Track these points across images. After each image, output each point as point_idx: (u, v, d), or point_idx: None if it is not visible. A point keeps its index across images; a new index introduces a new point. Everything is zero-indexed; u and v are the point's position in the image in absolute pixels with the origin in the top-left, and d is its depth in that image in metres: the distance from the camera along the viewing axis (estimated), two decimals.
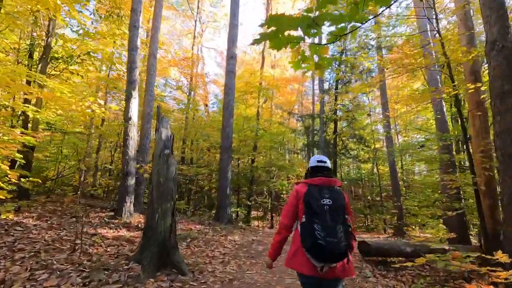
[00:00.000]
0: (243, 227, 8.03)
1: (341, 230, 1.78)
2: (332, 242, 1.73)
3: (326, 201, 1.85)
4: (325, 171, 2.04)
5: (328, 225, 1.78)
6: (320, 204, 1.84)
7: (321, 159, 2.11)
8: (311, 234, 1.78)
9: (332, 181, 1.97)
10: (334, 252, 1.73)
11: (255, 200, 18.18)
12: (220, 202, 8.22)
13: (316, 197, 1.87)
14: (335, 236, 1.75)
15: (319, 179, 1.97)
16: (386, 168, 23.67)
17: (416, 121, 18.07)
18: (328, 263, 1.77)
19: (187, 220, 7.84)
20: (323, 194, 1.88)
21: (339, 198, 1.90)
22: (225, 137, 8.63)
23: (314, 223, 1.79)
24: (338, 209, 1.85)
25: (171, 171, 4.05)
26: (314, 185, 1.95)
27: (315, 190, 1.91)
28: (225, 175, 8.34)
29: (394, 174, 12.02)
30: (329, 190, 1.91)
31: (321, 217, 1.80)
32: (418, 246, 6.03)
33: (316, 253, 1.76)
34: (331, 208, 1.83)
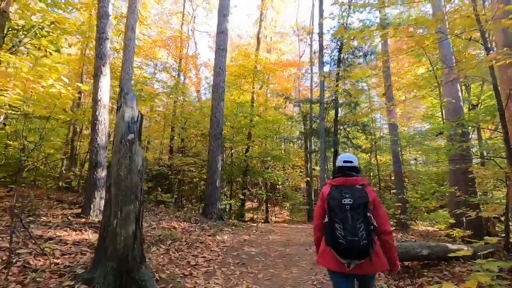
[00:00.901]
0: (235, 223, 7.18)
1: (362, 229, 1.81)
2: (353, 241, 1.79)
3: (346, 200, 1.90)
4: (349, 170, 2.08)
5: (348, 223, 1.83)
6: (341, 204, 1.90)
7: (348, 159, 2.14)
8: (333, 233, 1.85)
9: (353, 180, 2.01)
10: (354, 250, 1.79)
11: (250, 191, 17.38)
12: (209, 196, 7.33)
13: (336, 197, 1.94)
14: (355, 234, 1.80)
15: (340, 179, 2.05)
16: (384, 159, 23.08)
17: (416, 110, 17.29)
18: (352, 259, 1.83)
19: (172, 217, 6.95)
20: (343, 194, 1.93)
21: (360, 196, 1.91)
22: (215, 123, 7.67)
23: (335, 222, 1.87)
24: (359, 207, 1.87)
25: (136, 162, 3.11)
26: (335, 185, 2.02)
27: (336, 190, 1.98)
28: (215, 166, 7.43)
29: (397, 164, 11.23)
30: (350, 189, 1.95)
31: (341, 216, 1.87)
32: (434, 247, 5.24)
33: (338, 251, 1.84)
34: (351, 207, 1.88)
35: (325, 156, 9.55)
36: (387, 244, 1.96)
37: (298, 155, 21.29)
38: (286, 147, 25.32)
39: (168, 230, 5.77)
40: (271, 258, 4.77)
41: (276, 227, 9.20)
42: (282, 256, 4.91)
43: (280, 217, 18.55)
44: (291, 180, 17.63)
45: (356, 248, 1.77)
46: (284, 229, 8.75)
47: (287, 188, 17.41)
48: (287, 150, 24.41)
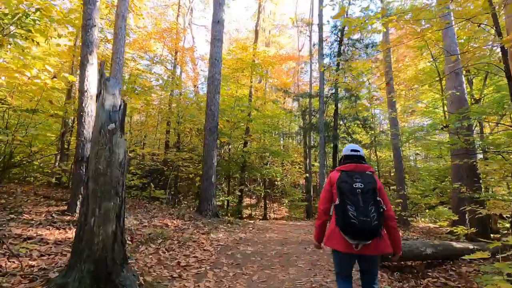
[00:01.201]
0: (231, 221, 6.91)
1: (373, 211, 1.92)
2: (365, 221, 1.88)
3: (357, 184, 2.01)
4: (358, 159, 2.20)
5: (360, 206, 1.93)
6: (352, 188, 2.00)
7: (355, 148, 2.28)
8: (345, 214, 1.94)
9: (363, 167, 2.15)
10: (366, 230, 1.88)
11: (248, 187, 17.13)
12: (204, 192, 7.06)
13: (348, 181, 2.04)
14: (367, 216, 1.90)
15: (350, 165, 2.16)
16: (383, 155, 22.83)
17: (417, 106, 16.97)
18: (361, 240, 1.93)
19: (165, 214, 6.67)
20: (354, 179, 2.05)
21: (370, 182, 2.04)
22: (210, 117, 7.37)
23: (347, 204, 1.96)
24: (369, 191, 1.99)
25: (117, 155, 2.82)
26: (345, 171, 2.13)
27: (346, 175, 2.09)
28: (210, 161, 7.14)
29: (398, 160, 10.97)
30: (360, 174, 2.07)
31: (353, 199, 1.96)
32: (439, 246, 5.00)
33: (349, 231, 1.93)
34: (362, 191, 1.99)
35: (325, 152, 9.28)
36: (392, 229, 2.08)
37: (297, 151, 21.03)
38: (285, 142, 25.04)
39: (160, 228, 5.50)
40: (268, 257, 4.51)
41: (274, 225, 8.94)
42: (279, 255, 4.64)
43: (278, 213, 18.33)
44: (290, 176, 17.38)
45: (368, 228, 1.87)
46: (282, 226, 8.50)
47: (285, 185, 17.17)
48: (286, 146, 24.16)
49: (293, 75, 21.79)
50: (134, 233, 4.81)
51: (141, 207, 7.12)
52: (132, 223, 5.40)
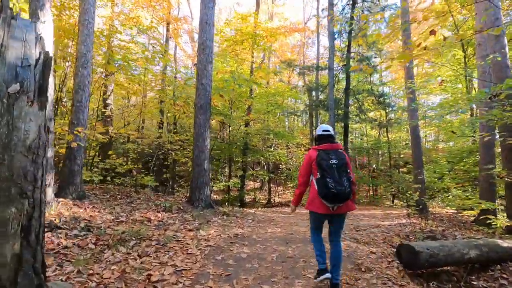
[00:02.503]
0: (226, 212, 5.97)
1: (345, 181, 2.56)
2: (341, 189, 2.51)
3: (333, 161, 2.61)
4: (330, 137, 2.82)
5: (336, 178, 2.55)
6: (329, 164, 2.60)
7: (326, 128, 2.88)
8: (326, 186, 2.53)
9: (336, 145, 2.76)
10: (342, 196, 2.52)
11: (252, 170, 16.21)
12: (195, 180, 6.09)
13: (325, 158, 2.63)
14: (342, 185, 2.53)
15: (326, 145, 2.74)
16: (393, 135, 21.57)
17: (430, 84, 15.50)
18: (338, 203, 2.58)
19: (150, 205, 5.76)
20: (330, 156, 2.64)
21: (342, 158, 2.66)
22: (201, 92, 6.28)
23: (326, 177, 2.55)
24: (342, 166, 2.62)
25: (21, 133, 1.79)
26: (322, 150, 2.71)
27: (324, 153, 2.67)
28: (202, 144, 6.12)
29: (416, 140, 9.81)
30: (334, 152, 2.68)
31: (331, 173, 2.57)
32: (484, 246, 3.97)
33: (330, 198, 2.53)
34: (337, 166, 2.60)
35: (335, 131, 8.17)
36: (353, 191, 2.65)
37: (303, 133, 19.92)
38: (290, 124, 23.88)
39: (140, 224, 4.58)
40: (268, 263, 3.56)
41: (277, 213, 8.02)
42: (282, 260, 3.69)
43: (283, 197, 17.50)
44: (295, 159, 16.38)
45: (343, 194, 2.52)
46: (287, 216, 7.58)
47: (290, 168, 16.20)
48: (291, 127, 23.02)
49: (299, 51, 20.26)
50: (103, 233, 3.89)
51: (124, 197, 6.21)
52: (104, 219, 4.48)
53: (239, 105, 11.14)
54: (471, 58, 11.49)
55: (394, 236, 5.67)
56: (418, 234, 5.82)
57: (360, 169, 23.48)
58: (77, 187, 5.09)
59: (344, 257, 3.90)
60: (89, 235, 3.75)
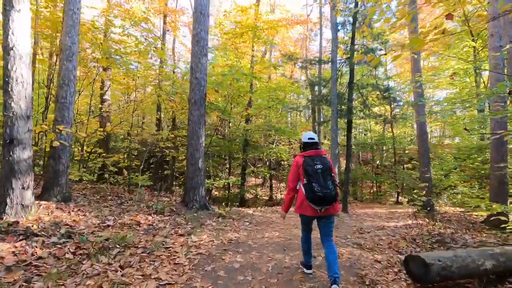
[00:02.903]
0: (222, 214, 5.66)
1: (330, 184, 2.78)
2: (327, 193, 2.73)
3: (318, 166, 2.82)
4: (314, 145, 3.02)
5: (321, 182, 2.76)
6: (314, 169, 2.81)
7: (311, 136, 3.08)
8: (312, 190, 2.75)
9: (320, 152, 2.96)
10: (328, 198, 2.73)
11: (254, 166, 15.90)
12: (189, 180, 5.77)
13: (311, 164, 2.84)
14: (327, 188, 2.75)
15: (311, 152, 2.95)
16: (397, 131, 21.07)
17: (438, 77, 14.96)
18: (325, 205, 2.77)
19: (141, 207, 5.46)
20: (315, 162, 2.85)
21: (326, 163, 2.87)
22: (196, 86, 5.92)
23: (312, 182, 2.77)
24: (326, 170, 2.83)
25: None
26: (308, 156, 2.92)
27: (309, 159, 2.88)
28: (196, 142, 5.79)
29: (423, 136, 9.38)
30: (319, 158, 2.89)
31: (316, 178, 2.78)
32: (501, 256, 3.61)
33: (317, 201, 2.74)
34: (322, 170, 2.81)
35: (337, 128, 7.80)
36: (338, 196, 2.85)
37: (306, 129, 19.52)
38: (292, 120, 23.45)
39: (127, 229, 4.28)
40: (262, 275, 3.24)
41: (277, 213, 7.71)
42: (278, 271, 3.37)
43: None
44: None
45: (329, 197, 2.74)
46: (288, 215, 7.26)
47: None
48: (293, 123, 22.61)
49: (301, 45, 19.73)
50: (84, 240, 3.59)
51: (116, 197, 5.92)
52: (89, 224, 4.18)
53: (239, 100, 10.76)
54: (480, 52, 10.98)
55: (400, 240, 5.33)
56: (426, 237, 5.48)
57: (363, 165, 23.07)
58: (62, 188, 4.79)
59: (346, 267, 3.57)
60: (68, 243, 3.45)
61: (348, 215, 7.85)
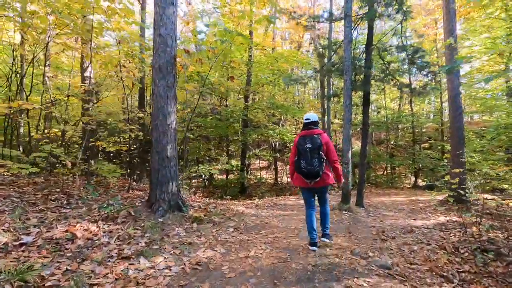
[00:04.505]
0: (199, 217, 4.27)
1: (316, 161, 3.23)
2: (310, 169, 3.23)
3: (308, 145, 3.29)
4: (310, 124, 3.45)
5: (308, 160, 3.26)
6: (304, 148, 3.30)
7: (308, 117, 3.52)
8: (299, 166, 3.31)
9: (312, 131, 3.37)
10: (311, 173, 3.24)
11: (254, 150, 14.48)
12: (155, 172, 4.37)
13: (302, 143, 3.34)
14: (312, 165, 3.23)
15: (304, 132, 3.42)
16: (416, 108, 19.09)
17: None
18: (312, 179, 3.28)
19: (92, 209, 4.13)
20: (306, 141, 3.32)
21: (316, 142, 3.28)
22: (160, 47, 4.38)
23: (300, 159, 3.31)
24: (315, 149, 3.26)
25: None
26: (302, 136, 3.40)
27: (301, 139, 3.37)
28: (163, 122, 4.34)
29: (457, 112, 7.66)
30: (310, 138, 3.33)
31: (305, 155, 3.29)
32: None
33: (302, 175, 3.30)
34: (310, 149, 3.27)
35: (351, 102, 6.19)
36: (335, 168, 3.40)
37: (313, 106, 17.82)
38: (300, 97, 21.64)
39: (50, 248, 2.96)
40: None
41: (279, 207, 6.34)
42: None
43: None
44: None
45: (312, 172, 3.23)
46: (289, 212, 5.89)
47: None
48: (300, 100, 20.86)
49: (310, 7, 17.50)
50: None
51: (63, 196, 4.60)
52: None
53: (234, 72, 9.14)
54: None
55: (439, 253, 3.89)
56: (473, 246, 4.04)
57: (376, 145, 21.35)
58: None
59: None
60: None
61: (364, 210, 6.41)
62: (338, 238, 4.18)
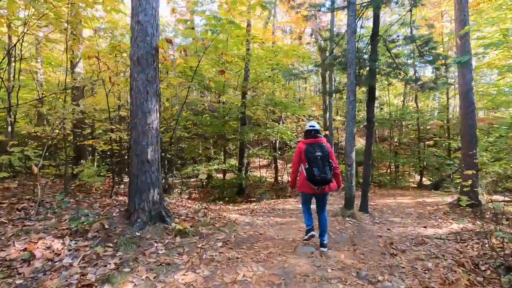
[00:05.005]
0: (183, 229, 3.76)
1: (328, 169, 3.39)
2: (324, 176, 3.35)
3: (318, 153, 3.40)
4: (315, 132, 3.55)
5: (320, 167, 3.36)
6: (315, 156, 3.39)
7: (312, 124, 3.62)
8: (312, 173, 3.36)
9: (320, 140, 3.50)
10: (325, 181, 3.38)
11: (252, 149, 13.98)
12: (134, 178, 3.87)
13: (311, 151, 3.41)
14: (325, 173, 3.36)
15: (312, 140, 3.51)
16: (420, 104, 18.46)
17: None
18: (321, 186, 3.43)
19: (61, 220, 3.64)
20: (315, 149, 3.43)
21: (325, 150, 3.43)
22: (139, 36, 3.85)
23: (313, 167, 3.36)
24: (325, 157, 3.41)
25: None
26: (309, 143, 3.49)
27: (310, 147, 3.45)
28: (142, 121, 3.82)
29: (469, 109, 7.10)
30: (319, 145, 3.46)
31: (316, 163, 3.37)
32: None
33: (316, 182, 3.38)
34: (321, 157, 3.39)
35: (355, 98, 5.65)
36: (336, 174, 3.58)
37: (315, 103, 17.25)
38: (301, 94, 21.06)
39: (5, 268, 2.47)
40: None
41: (274, 214, 5.83)
42: None
43: None
44: None
45: (325, 180, 3.37)
46: (287, 218, 5.39)
47: None
48: (302, 97, 20.30)
49: None
50: None
51: (32, 205, 4.11)
52: None
53: (230, 67, 8.61)
54: None
55: (457, 271, 3.38)
56: (496, 262, 3.54)
57: (379, 142, 20.75)
58: None
59: None
60: None
61: (369, 215, 5.89)
62: (341, 252, 3.68)
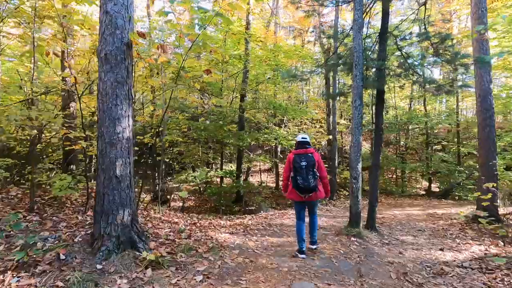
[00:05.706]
0: (158, 259, 3.15)
1: (311, 178, 3.64)
2: (306, 185, 3.63)
3: (303, 163, 3.68)
4: (305, 144, 3.86)
5: (304, 176, 3.64)
6: (300, 165, 3.67)
7: (303, 136, 3.96)
8: (296, 182, 3.67)
9: (307, 150, 3.77)
10: (307, 188, 3.64)
11: (251, 155, 13.36)
12: (99, 197, 3.27)
13: (298, 161, 3.71)
14: (308, 181, 3.63)
15: (299, 150, 3.80)
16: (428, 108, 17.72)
17: None
18: (306, 193, 3.69)
19: (10, 249, 3.05)
20: (301, 159, 3.71)
21: (310, 160, 3.69)
22: (107, 29, 3.27)
23: (297, 176, 3.67)
24: (309, 167, 3.67)
25: None
26: (297, 154, 3.78)
27: (297, 157, 3.74)
28: (110, 129, 3.22)
29: (487, 114, 6.42)
30: (305, 156, 3.73)
31: (301, 172, 3.66)
32: None
33: (300, 190, 3.68)
34: (306, 167, 3.66)
35: (362, 102, 5.01)
36: (324, 184, 3.86)
37: (318, 106, 16.61)
38: (303, 96, 20.43)
39: None
40: None
41: (270, 232, 5.19)
42: None
43: None
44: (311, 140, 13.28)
45: (308, 187, 3.63)
46: (284, 237, 4.75)
47: None
48: (304, 100, 19.68)
49: None
50: None
51: None
52: None
53: (228, 68, 8.03)
54: None
55: None
56: None
57: (384, 146, 20.02)
58: None
59: None
60: None
61: (377, 234, 5.22)
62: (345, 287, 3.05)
